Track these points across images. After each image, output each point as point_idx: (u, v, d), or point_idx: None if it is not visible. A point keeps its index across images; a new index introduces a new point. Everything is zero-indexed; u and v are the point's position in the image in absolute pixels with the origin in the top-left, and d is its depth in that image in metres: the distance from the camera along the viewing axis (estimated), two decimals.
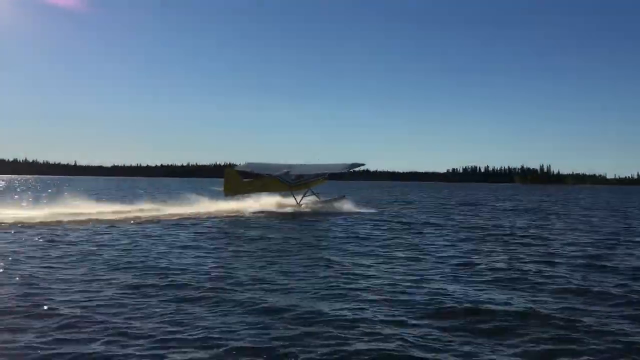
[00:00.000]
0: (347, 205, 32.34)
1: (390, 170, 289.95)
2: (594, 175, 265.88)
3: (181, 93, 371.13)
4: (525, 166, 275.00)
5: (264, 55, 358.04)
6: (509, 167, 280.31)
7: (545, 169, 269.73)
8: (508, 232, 21.75)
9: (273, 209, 30.37)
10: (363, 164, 33.85)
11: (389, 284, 10.82)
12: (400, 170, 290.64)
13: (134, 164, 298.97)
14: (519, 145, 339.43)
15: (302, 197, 32.60)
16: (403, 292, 10.11)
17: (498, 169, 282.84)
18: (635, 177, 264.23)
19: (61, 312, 8.41)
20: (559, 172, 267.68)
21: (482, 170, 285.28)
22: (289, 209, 30.82)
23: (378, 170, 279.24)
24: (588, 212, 38.28)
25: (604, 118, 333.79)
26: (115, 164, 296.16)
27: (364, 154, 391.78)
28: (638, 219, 30.96)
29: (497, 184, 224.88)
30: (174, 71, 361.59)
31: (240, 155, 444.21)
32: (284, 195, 32.84)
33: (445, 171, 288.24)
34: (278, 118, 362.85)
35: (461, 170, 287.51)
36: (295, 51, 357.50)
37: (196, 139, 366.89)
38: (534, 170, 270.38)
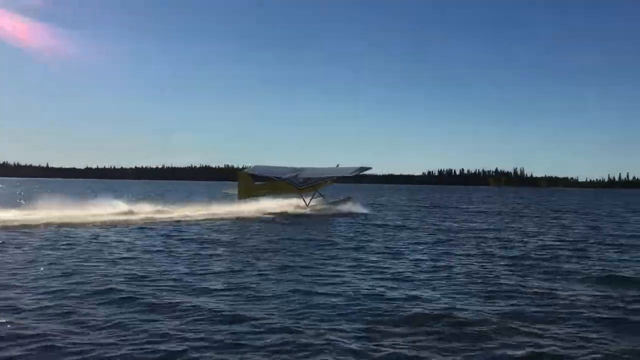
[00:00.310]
0: (352, 207, 33.67)
1: (366, 172, 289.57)
2: (567, 178, 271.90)
3: (157, 93, 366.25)
4: (499, 169, 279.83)
5: (243, 55, 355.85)
6: (483, 170, 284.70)
7: (518, 172, 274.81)
8: (481, 234, 21.85)
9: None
10: (370, 168, 35.39)
11: (360, 289, 10.66)
12: (377, 173, 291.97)
13: (107, 165, 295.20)
14: (493, 148, 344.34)
15: (311, 199, 33.51)
16: (375, 298, 9.97)
17: (473, 171, 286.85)
18: (606, 180, 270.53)
19: None
20: (532, 175, 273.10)
21: (458, 173, 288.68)
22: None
23: None
24: (559, 214, 38.90)
25: (577, 122, 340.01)
26: (89, 166, 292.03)
27: (341, 156, 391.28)
28: (606, 222, 31.47)
29: (472, 186, 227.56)
30: (151, 71, 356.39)
31: (218, 157, 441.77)
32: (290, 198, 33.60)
33: (421, 174, 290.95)
34: (258, 119, 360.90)
35: (437, 173, 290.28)
36: (267, 50, 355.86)
37: (171, 140, 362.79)
38: (508, 173, 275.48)
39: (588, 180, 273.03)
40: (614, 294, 10.62)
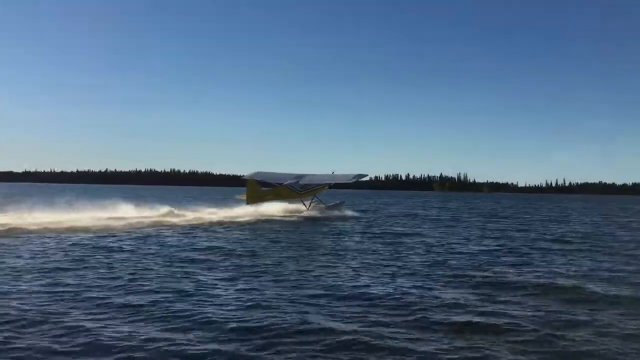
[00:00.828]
0: (345, 210, 37.59)
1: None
2: (507, 183, 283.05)
3: (99, 95, 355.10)
4: (443, 174, 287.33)
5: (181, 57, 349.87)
6: (428, 175, 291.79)
7: (462, 178, 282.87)
8: (421, 240, 21.92)
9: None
10: (366, 175, 37.96)
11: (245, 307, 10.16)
12: None
13: (47, 169, 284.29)
14: (438, 154, 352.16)
15: (310, 203, 36.52)
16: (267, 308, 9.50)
17: (418, 177, 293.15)
18: (544, 185, 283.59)
19: None
20: (474, 180, 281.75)
21: (404, 178, 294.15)
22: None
23: None
24: (496, 219, 39.96)
25: (518, 130, 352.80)
26: (27, 170, 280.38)
27: (288, 163, 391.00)
28: (541, 227, 32.49)
29: (417, 191, 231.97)
30: (92, 72, 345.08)
31: (161, 162, 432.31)
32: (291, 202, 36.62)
33: (368, 179, 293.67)
34: (194, 124, 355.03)
35: (383, 178, 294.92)
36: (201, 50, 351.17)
37: (114, 145, 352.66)
38: (452, 179, 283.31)
39: (527, 185, 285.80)
40: (550, 303, 10.61)
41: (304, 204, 36.16)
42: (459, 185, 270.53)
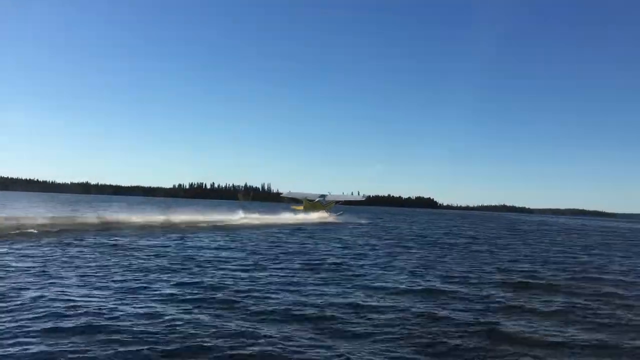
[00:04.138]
0: (344, 219, 58.06)
1: (113, 184, 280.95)
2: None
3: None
4: (248, 184, 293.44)
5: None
6: (233, 184, 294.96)
7: (266, 188, 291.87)
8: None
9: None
10: (369, 196, 67.21)
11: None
12: (124, 184, 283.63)
13: None
14: (244, 164, 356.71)
15: (329, 213, 57.91)
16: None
17: (223, 186, 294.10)
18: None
19: None
20: (277, 190, 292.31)
21: (208, 186, 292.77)
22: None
23: (100, 183, 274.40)
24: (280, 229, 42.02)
25: (321, 144, 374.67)
26: None
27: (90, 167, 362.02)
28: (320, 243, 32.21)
29: (225, 200, 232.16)
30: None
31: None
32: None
33: (172, 186, 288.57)
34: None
35: (187, 186, 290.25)
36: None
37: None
38: (256, 189, 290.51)
39: None
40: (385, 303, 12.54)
41: (327, 213, 57.17)
42: (263, 195, 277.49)
